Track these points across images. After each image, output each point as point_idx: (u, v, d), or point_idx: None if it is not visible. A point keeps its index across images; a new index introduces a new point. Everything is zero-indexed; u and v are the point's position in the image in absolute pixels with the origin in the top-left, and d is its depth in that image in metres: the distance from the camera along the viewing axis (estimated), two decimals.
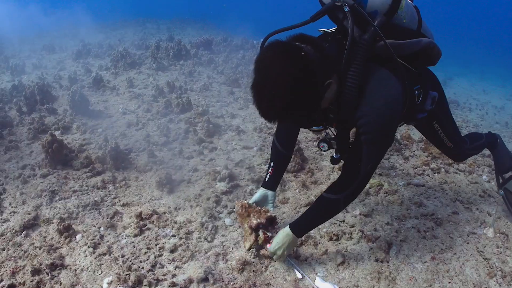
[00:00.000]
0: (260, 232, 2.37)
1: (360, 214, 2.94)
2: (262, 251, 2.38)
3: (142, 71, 7.50)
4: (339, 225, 2.82)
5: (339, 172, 3.59)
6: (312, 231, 2.70)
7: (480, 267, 2.52)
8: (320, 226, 2.74)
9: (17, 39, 10.30)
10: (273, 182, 2.57)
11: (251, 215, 2.41)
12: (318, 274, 2.34)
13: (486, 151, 4.33)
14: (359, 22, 1.79)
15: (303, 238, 2.57)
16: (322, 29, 2.13)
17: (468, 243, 2.75)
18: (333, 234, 2.67)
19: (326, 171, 3.60)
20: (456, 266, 2.50)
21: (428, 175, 3.70)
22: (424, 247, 2.66)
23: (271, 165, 2.53)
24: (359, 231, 2.69)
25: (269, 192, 2.58)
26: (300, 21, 1.92)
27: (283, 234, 2.25)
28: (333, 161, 2.26)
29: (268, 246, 2.33)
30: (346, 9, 1.75)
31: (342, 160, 2.20)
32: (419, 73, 2.21)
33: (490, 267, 2.53)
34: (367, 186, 3.27)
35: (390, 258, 2.52)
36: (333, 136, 2.20)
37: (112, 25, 14.72)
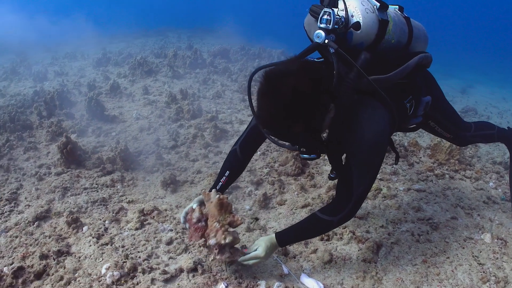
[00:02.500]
0: (235, 233, 2.26)
1: (355, 217, 3.10)
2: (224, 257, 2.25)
3: (158, 78, 7.93)
4: None
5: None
6: None
7: (474, 272, 2.60)
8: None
9: (40, 47, 11.06)
10: (223, 191, 2.53)
11: (232, 212, 2.29)
12: (305, 270, 2.52)
13: (497, 158, 4.40)
14: (344, 60, 1.90)
15: None
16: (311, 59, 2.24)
17: (463, 247, 2.84)
18: (325, 234, 2.84)
19: (327, 175, 3.78)
20: (448, 270, 2.60)
21: (432, 181, 3.80)
22: (417, 250, 2.78)
23: (226, 174, 2.50)
24: (350, 232, 2.86)
25: None
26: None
27: (269, 242, 2.27)
28: (331, 178, 2.42)
29: (244, 250, 2.33)
30: (331, 50, 1.88)
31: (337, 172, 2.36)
32: (411, 82, 2.34)
33: (483, 272, 2.61)
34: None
35: (379, 259, 2.66)
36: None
37: (133, 34, 15.46)
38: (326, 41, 1.89)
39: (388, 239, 2.86)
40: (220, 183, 2.50)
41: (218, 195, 2.26)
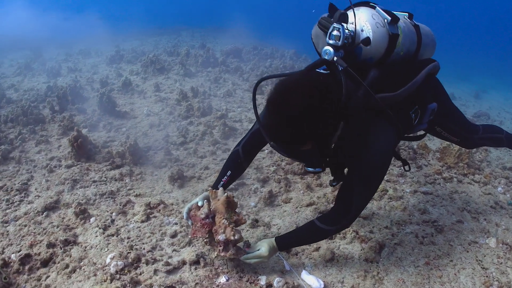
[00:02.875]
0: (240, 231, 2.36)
1: (359, 216, 3.11)
2: (229, 253, 2.30)
3: (170, 76, 8.04)
4: None
5: None
6: None
7: (477, 276, 2.60)
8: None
9: (54, 43, 11.31)
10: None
11: (237, 211, 2.40)
12: (306, 268, 2.55)
13: (508, 164, 4.36)
14: (353, 78, 1.88)
15: None
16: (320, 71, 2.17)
17: (467, 251, 2.83)
18: None
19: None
20: (451, 273, 2.60)
21: (439, 184, 3.79)
22: (420, 252, 2.78)
23: (228, 174, 2.53)
24: (353, 232, 2.88)
25: None
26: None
27: (270, 245, 2.36)
28: (333, 186, 2.46)
29: (246, 249, 2.39)
30: (340, 68, 1.87)
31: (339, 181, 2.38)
32: (418, 92, 2.31)
33: (486, 276, 2.60)
34: None
35: (381, 259, 2.67)
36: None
37: (148, 32, 15.66)
38: (335, 58, 1.88)
39: (391, 240, 2.87)
40: (222, 182, 2.54)
41: (226, 194, 2.33)
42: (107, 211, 3.14)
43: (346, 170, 2.32)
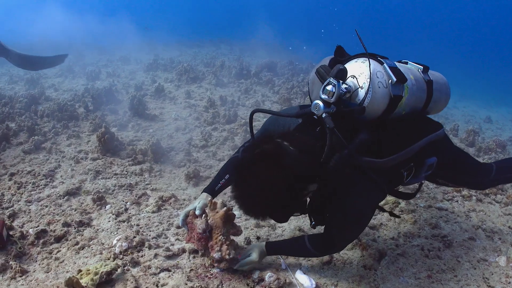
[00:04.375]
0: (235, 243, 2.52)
1: (367, 226, 3.15)
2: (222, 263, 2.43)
3: (202, 85, 8.41)
4: None
5: None
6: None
7: None
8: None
9: (96, 48, 12.11)
10: (219, 193, 2.62)
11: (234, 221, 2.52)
12: (302, 268, 2.63)
13: None
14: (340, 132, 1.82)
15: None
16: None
17: (475, 268, 2.80)
18: None
19: None
20: None
21: (457, 201, 3.74)
22: (423, 264, 2.78)
23: (226, 177, 2.56)
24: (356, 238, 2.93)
25: None
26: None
27: (260, 249, 2.48)
28: (313, 227, 2.47)
29: (238, 256, 2.48)
30: (327, 125, 1.81)
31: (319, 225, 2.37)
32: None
33: None
34: (383, 202, 3.47)
35: (380, 267, 2.70)
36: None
37: (188, 43, 16.38)
38: (324, 115, 1.83)
39: (394, 250, 2.89)
40: (219, 185, 2.58)
41: (225, 207, 2.44)
42: (123, 201, 3.40)
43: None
